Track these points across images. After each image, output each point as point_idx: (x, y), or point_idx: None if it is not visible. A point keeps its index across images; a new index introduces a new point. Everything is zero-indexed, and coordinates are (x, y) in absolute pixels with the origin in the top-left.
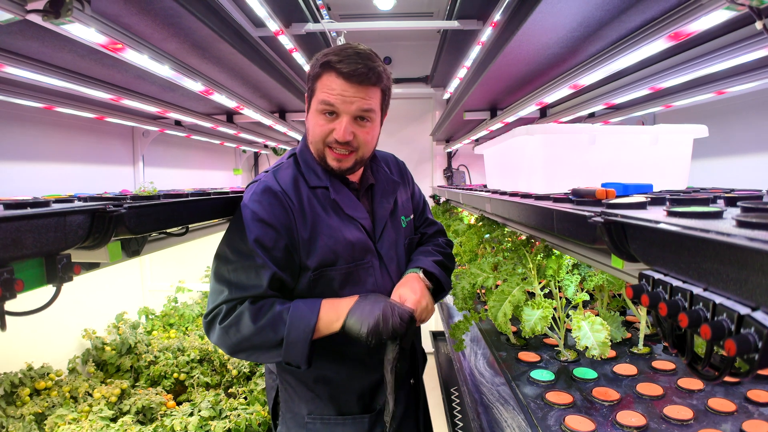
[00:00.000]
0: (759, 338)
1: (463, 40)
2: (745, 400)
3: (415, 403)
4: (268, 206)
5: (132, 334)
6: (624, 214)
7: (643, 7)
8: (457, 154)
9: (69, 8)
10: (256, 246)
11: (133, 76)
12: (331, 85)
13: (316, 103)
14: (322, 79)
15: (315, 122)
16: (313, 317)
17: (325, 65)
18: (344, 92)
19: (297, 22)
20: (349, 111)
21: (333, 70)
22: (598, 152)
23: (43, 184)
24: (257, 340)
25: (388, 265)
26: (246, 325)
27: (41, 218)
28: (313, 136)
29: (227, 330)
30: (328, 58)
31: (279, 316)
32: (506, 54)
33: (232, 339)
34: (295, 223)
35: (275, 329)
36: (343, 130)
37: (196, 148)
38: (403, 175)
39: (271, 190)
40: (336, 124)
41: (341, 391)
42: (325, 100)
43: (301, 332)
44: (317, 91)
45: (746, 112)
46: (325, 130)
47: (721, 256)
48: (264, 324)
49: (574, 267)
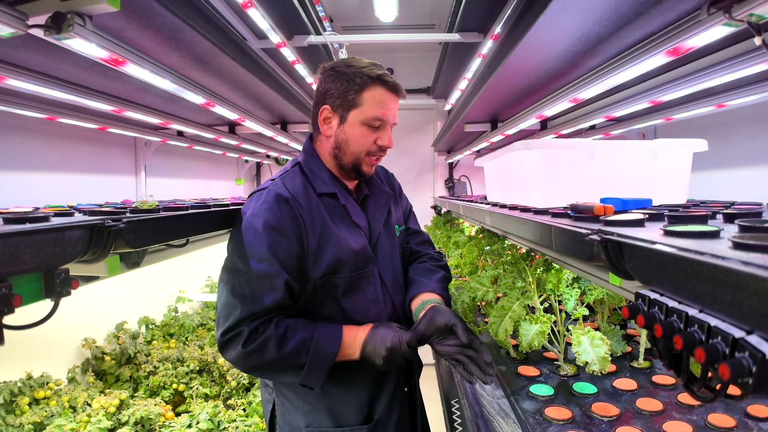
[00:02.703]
0: (753, 363)
1: (464, 52)
2: (745, 416)
3: (411, 411)
4: (279, 214)
5: (132, 344)
6: (621, 232)
7: (642, 22)
8: (458, 164)
9: (70, 24)
10: (271, 255)
11: (135, 88)
12: (381, 99)
13: (364, 116)
14: (371, 91)
15: (360, 133)
16: (335, 347)
17: (373, 78)
18: (392, 103)
19: (299, 34)
20: (393, 121)
21: (383, 83)
22: (597, 167)
23: (45, 193)
24: (280, 366)
25: (383, 274)
26: (271, 352)
27: (40, 234)
28: (356, 146)
29: (250, 354)
30: (370, 72)
31: (303, 344)
32: (507, 68)
33: (253, 362)
34: (305, 231)
35: (299, 356)
36: (389, 137)
37: (198, 158)
38: (392, 185)
39: (282, 196)
40: (380, 133)
41: (339, 402)
42: (377, 115)
43: (323, 361)
44: (365, 104)
45: (747, 125)
46: (370, 140)
47: (716, 279)
48: (289, 352)
49: (574, 281)
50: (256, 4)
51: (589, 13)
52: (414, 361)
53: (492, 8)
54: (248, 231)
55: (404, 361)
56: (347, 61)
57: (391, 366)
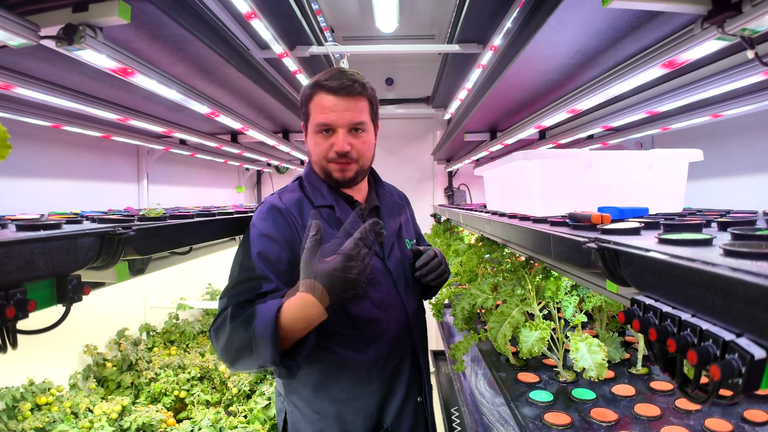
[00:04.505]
0: (742, 364)
1: (463, 63)
2: (742, 420)
3: (424, 424)
4: (271, 222)
5: (133, 350)
6: (617, 240)
7: (638, 36)
8: (457, 173)
9: (82, 36)
10: (259, 259)
11: (140, 97)
12: (322, 103)
13: (312, 125)
14: (314, 99)
15: (314, 142)
16: (274, 307)
17: (314, 86)
18: (335, 106)
19: (301, 44)
20: (343, 124)
21: (322, 88)
22: (594, 176)
23: (48, 200)
24: (236, 342)
25: (397, 281)
26: (226, 326)
27: (53, 241)
28: (315, 156)
29: (216, 333)
30: (316, 79)
31: (251, 313)
32: (506, 80)
33: (219, 343)
34: (299, 238)
35: (246, 326)
36: (341, 142)
37: (199, 166)
38: (406, 202)
39: (275, 207)
40: (333, 139)
41: (348, 410)
42: (320, 120)
43: (265, 325)
44: (312, 113)
45: (743, 134)
46: (325, 147)
47: (707, 285)
48: (238, 322)
49: (573, 288)
50: (260, 16)
51: (586, 27)
52: (423, 367)
53: (491, 20)
54: (244, 240)
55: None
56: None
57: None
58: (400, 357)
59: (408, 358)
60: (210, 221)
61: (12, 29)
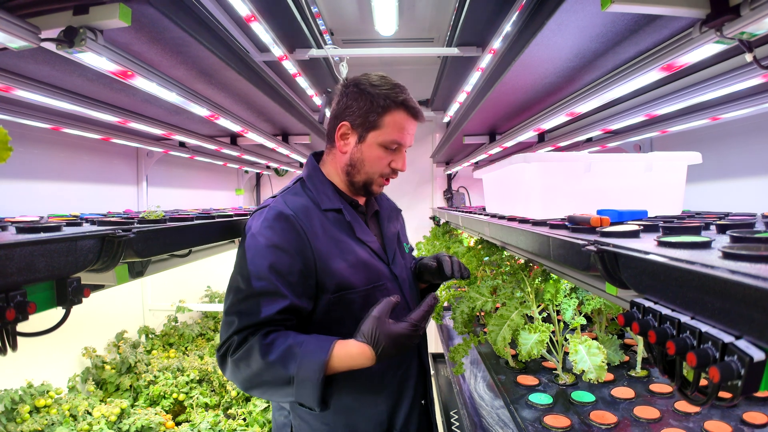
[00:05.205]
0: (741, 366)
1: (463, 66)
2: (741, 422)
3: (428, 427)
4: (280, 231)
5: (132, 353)
6: (616, 243)
7: (637, 39)
8: (457, 176)
9: (82, 38)
10: (272, 273)
11: (140, 100)
12: (402, 123)
13: (382, 139)
14: (393, 115)
15: (376, 154)
16: (324, 353)
17: (397, 102)
18: (412, 128)
19: (301, 47)
20: (410, 144)
21: (405, 108)
22: (594, 179)
23: (47, 202)
24: (268, 377)
25: (402, 285)
26: (256, 360)
27: (54, 243)
28: (370, 167)
29: (237, 364)
30: (396, 95)
31: (290, 351)
32: (505, 83)
33: (243, 374)
34: (309, 246)
35: (286, 366)
36: (404, 162)
37: (198, 169)
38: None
39: (283, 214)
40: (396, 156)
41: (358, 418)
42: (395, 138)
43: (312, 371)
44: (386, 126)
45: (741, 137)
46: (386, 162)
47: (706, 287)
48: (274, 359)
49: (572, 291)
50: (260, 19)
51: (585, 30)
52: (428, 371)
53: (490, 23)
54: (250, 249)
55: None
56: (372, 80)
57: (407, 348)
58: (408, 362)
59: (415, 362)
60: (209, 224)
61: (12, 32)
